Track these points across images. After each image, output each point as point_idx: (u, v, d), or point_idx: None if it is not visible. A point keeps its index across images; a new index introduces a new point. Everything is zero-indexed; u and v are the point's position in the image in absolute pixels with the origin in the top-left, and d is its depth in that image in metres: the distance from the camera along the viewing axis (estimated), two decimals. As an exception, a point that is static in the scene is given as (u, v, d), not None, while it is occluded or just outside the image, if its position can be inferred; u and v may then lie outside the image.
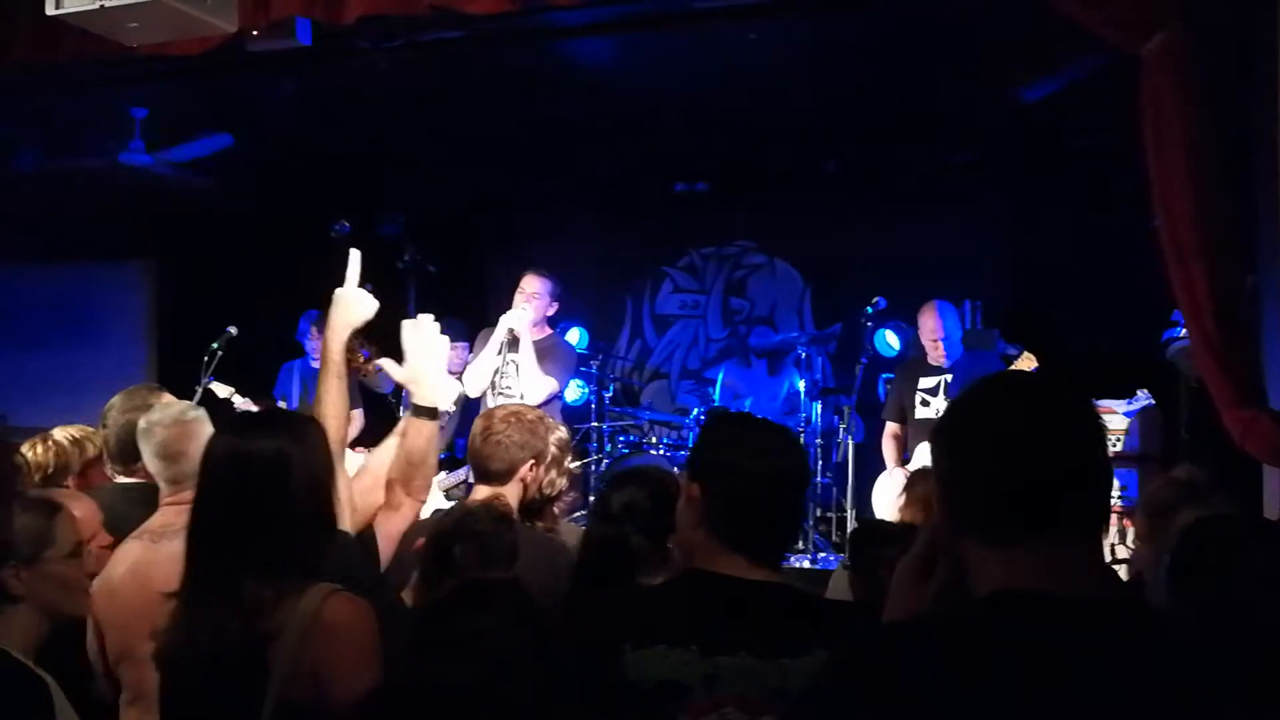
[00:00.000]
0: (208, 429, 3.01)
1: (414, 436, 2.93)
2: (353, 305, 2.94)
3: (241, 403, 6.85)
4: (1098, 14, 3.96)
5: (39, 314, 9.58)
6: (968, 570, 1.41)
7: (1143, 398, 6.15)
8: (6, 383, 8.70)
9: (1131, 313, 6.16)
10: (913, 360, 6.45)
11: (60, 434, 3.67)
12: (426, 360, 2.99)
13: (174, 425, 3.12)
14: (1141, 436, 6.13)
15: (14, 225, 8.44)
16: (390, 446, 3.00)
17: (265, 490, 2.19)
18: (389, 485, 2.94)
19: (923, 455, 6.21)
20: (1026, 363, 5.80)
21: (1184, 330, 5.93)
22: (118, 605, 2.82)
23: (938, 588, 1.52)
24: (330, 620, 2.12)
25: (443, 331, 3.04)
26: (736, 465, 2.05)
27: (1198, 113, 3.78)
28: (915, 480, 3.83)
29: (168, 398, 3.47)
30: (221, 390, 6.75)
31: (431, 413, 2.95)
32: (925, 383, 6.13)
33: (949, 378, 6.04)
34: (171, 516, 2.93)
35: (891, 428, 6.33)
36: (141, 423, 3.18)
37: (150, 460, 3.13)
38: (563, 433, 3.46)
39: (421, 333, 3.01)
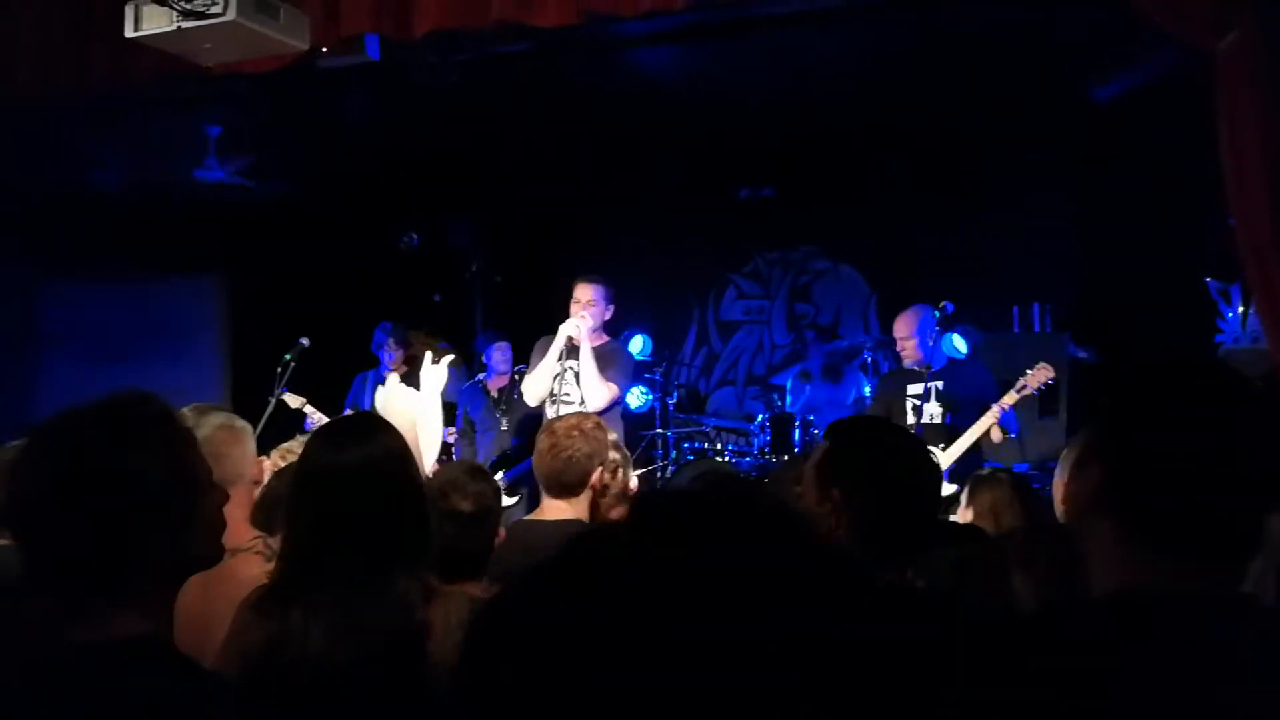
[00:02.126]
0: (251, 439, 3.06)
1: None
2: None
3: (313, 413, 6.95)
4: (1172, 11, 3.91)
5: (117, 328, 9.79)
6: (1091, 552, 1.38)
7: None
8: (85, 396, 8.89)
9: (1204, 314, 6.06)
10: (899, 369, 6.30)
11: None
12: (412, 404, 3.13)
13: (221, 429, 3.19)
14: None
15: (93, 241, 8.66)
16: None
17: (390, 490, 2.22)
18: None
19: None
20: (1043, 373, 5.68)
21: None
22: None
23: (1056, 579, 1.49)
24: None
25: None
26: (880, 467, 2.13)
27: (1273, 110, 3.72)
28: (980, 486, 3.76)
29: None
30: (294, 401, 6.86)
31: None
32: (914, 389, 6.00)
33: (939, 384, 5.91)
34: None
35: None
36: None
37: None
38: (614, 434, 3.52)
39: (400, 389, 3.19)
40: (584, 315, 5.92)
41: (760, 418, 7.72)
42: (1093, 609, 1.34)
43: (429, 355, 3.25)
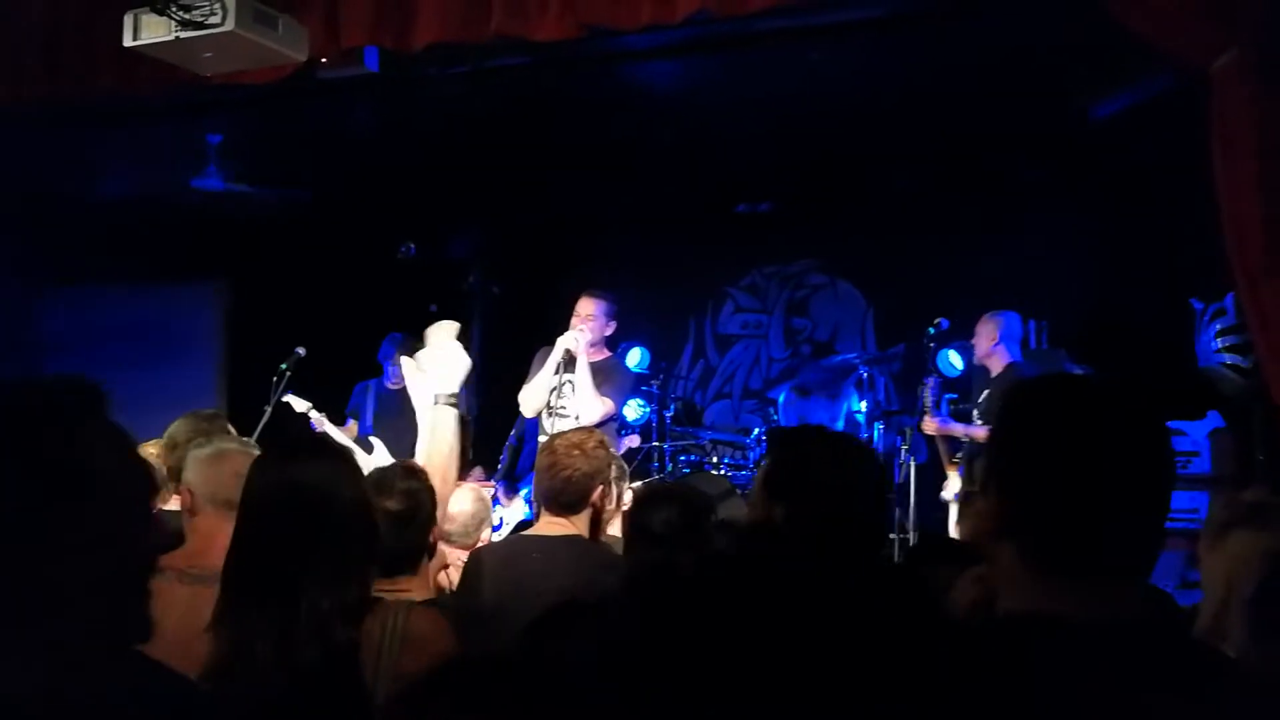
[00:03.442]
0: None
1: (443, 427, 2.97)
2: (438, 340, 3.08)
3: (318, 418, 6.95)
4: (1166, 32, 3.92)
5: (116, 335, 9.80)
6: (1000, 574, 1.39)
7: (1214, 419, 6.05)
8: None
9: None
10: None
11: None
12: (444, 352, 3.05)
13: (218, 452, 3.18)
14: (1213, 459, 6.04)
15: (92, 249, 8.68)
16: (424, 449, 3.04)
17: (317, 510, 2.25)
18: None
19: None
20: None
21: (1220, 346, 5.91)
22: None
23: (972, 598, 1.51)
24: (418, 634, 2.21)
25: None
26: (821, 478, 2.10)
27: (1268, 130, 3.73)
28: (975, 499, 3.78)
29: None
30: (299, 405, 6.86)
31: (452, 399, 3.00)
32: None
33: None
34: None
35: None
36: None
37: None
38: (615, 451, 3.57)
39: (443, 330, 3.09)
40: (583, 329, 5.93)
41: (756, 431, 7.73)
42: (991, 630, 1.36)
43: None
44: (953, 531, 6.36)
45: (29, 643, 1.30)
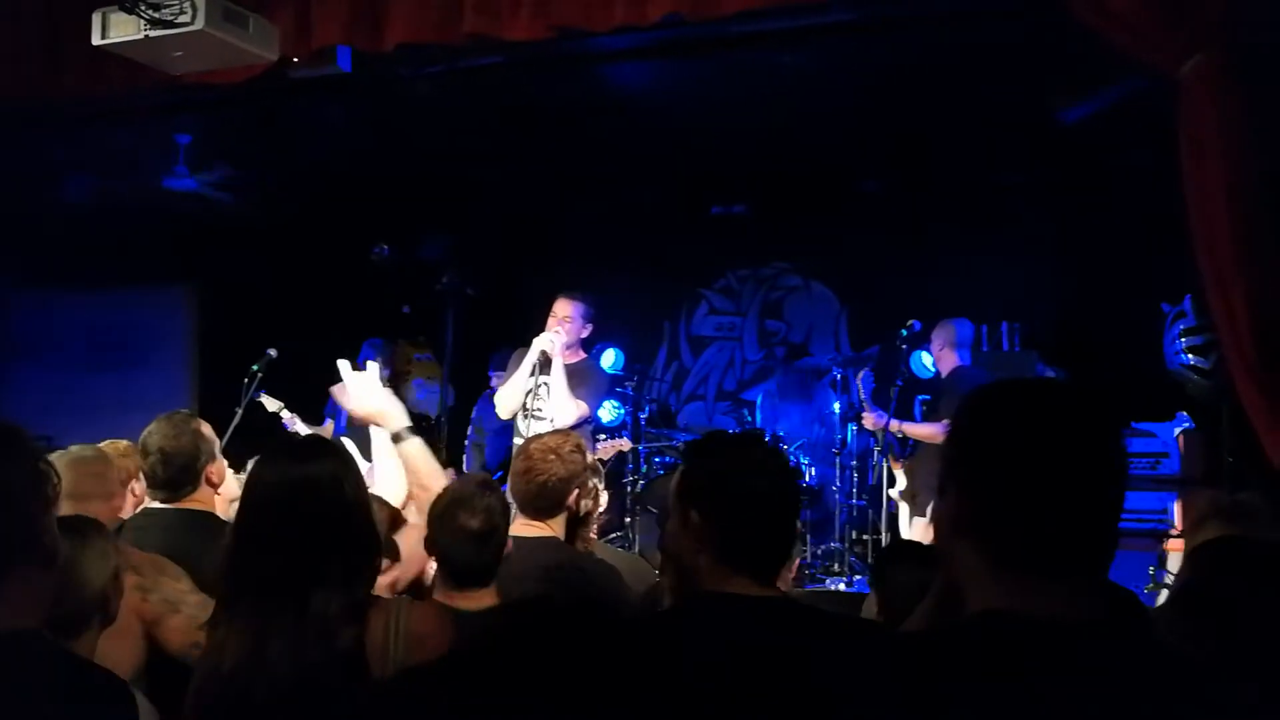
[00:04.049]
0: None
1: (418, 458, 3.00)
2: (360, 394, 3.13)
3: (290, 417, 6.92)
4: (1133, 37, 3.95)
5: (86, 338, 9.74)
6: (960, 574, 1.40)
7: (1183, 420, 6.10)
8: (55, 406, 8.84)
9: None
10: None
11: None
12: (377, 396, 3.12)
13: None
14: (1183, 460, 6.08)
15: (61, 251, 8.60)
16: (389, 478, 3.06)
17: (322, 510, 2.26)
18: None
19: None
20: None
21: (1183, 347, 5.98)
22: None
23: (936, 599, 1.51)
24: (421, 630, 2.22)
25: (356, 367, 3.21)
26: (734, 487, 2.10)
27: (1237, 134, 3.76)
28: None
29: (205, 427, 3.54)
30: (271, 404, 6.83)
31: (412, 429, 3.06)
32: None
33: None
34: None
35: None
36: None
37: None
38: (591, 456, 3.54)
39: (357, 377, 3.16)
40: (559, 330, 5.90)
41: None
42: (955, 630, 1.37)
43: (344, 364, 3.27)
44: (903, 530, 6.46)
45: None
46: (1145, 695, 1.25)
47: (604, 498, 3.61)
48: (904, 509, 6.58)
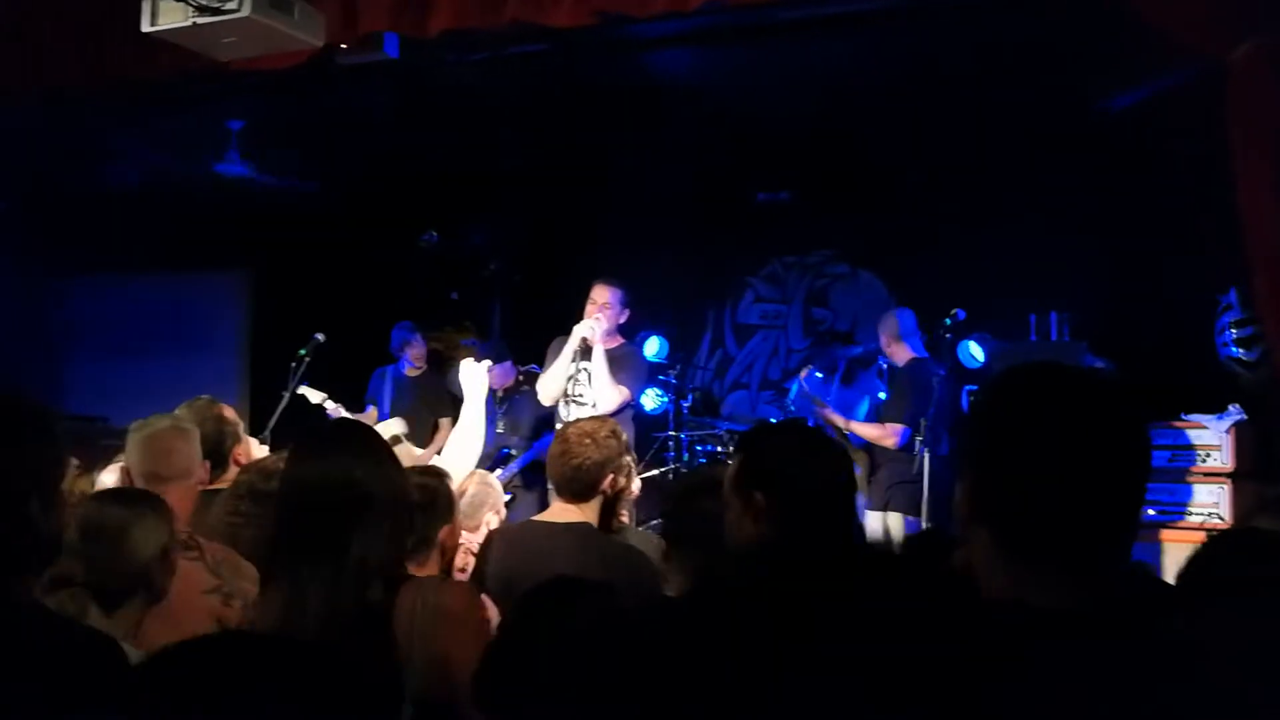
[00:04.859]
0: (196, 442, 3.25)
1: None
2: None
3: (333, 408, 7.00)
4: (1184, 21, 3.90)
5: (140, 323, 9.90)
6: (976, 556, 1.40)
7: (1234, 412, 5.99)
8: (111, 389, 9.01)
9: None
10: None
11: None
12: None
13: (170, 430, 3.25)
14: (1234, 453, 5.97)
15: (117, 237, 8.75)
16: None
17: (360, 496, 2.29)
18: None
19: None
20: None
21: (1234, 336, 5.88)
22: None
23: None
24: (451, 607, 2.27)
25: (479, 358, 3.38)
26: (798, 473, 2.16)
27: (1286, 121, 3.70)
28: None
29: (228, 411, 3.60)
30: (314, 396, 6.92)
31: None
32: None
33: None
34: None
35: None
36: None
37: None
38: (626, 437, 3.60)
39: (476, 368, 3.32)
40: (599, 317, 5.95)
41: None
42: (968, 617, 1.35)
43: (468, 360, 3.35)
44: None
45: None
46: (1145, 691, 1.23)
47: (636, 485, 3.64)
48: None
